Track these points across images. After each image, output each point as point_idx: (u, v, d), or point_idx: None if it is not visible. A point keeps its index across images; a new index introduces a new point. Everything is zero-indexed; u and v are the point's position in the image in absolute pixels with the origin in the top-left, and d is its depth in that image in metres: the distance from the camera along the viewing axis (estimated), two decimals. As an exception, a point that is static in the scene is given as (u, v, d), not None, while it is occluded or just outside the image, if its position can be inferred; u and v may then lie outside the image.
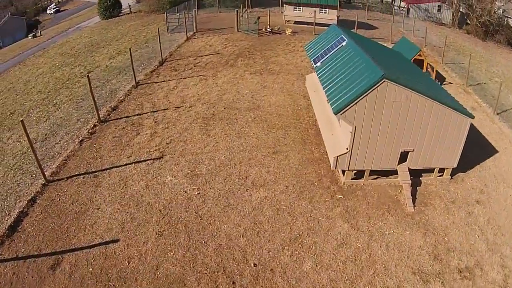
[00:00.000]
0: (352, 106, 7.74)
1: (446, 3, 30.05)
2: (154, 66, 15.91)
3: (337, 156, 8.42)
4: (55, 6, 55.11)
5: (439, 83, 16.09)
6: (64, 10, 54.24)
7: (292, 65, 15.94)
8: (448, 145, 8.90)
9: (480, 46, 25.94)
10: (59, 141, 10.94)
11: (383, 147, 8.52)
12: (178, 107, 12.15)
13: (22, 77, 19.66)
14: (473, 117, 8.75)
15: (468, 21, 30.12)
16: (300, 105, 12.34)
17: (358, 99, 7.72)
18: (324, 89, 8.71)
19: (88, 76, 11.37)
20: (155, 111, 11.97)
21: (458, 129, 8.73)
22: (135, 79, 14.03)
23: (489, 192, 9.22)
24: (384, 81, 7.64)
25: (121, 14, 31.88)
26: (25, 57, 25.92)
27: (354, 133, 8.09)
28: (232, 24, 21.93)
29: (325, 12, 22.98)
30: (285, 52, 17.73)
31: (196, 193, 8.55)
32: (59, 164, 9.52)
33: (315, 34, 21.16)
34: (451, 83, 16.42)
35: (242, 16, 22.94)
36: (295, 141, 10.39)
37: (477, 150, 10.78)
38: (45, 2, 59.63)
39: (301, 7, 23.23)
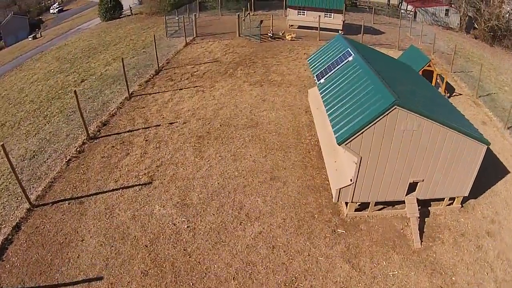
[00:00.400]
0: (358, 136, 6.94)
1: (454, 7, 28.93)
2: (150, 75, 15.16)
3: (340, 188, 7.63)
4: (58, 6, 54.49)
5: (448, 94, 15.22)
6: (67, 10, 53.72)
7: (295, 75, 15.09)
8: (461, 174, 8.07)
9: (488, 52, 24.89)
10: (47, 159, 10.28)
11: (391, 178, 7.70)
12: (171, 123, 11.40)
13: (17, 83, 19.04)
14: (489, 144, 7.91)
15: (476, 26, 29.06)
16: (301, 122, 11.51)
17: (365, 128, 6.90)
18: (327, 112, 7.89)
19: (75, 92, 10.64)
20: (147, 128, 11.23)
21: (472, 156, 7.89)
22: (128, 91, 13.30)
23: (500, 221, 8.46)
24: (395, 108, 6.81)
25: (122, 16, 31.15)
26: (23, 60, 25.33)
27: (360, 164, 7.28)
28: (234, 28, 21.10)
29: (330, 17, 22.05)
30: (288, 60, 16.87)
31: (186, 226, 7.80)
32: (45, 187, 8.90)
33: (319, 40, 20.28)
34: (460, 94, 15.51)
35: (244, 20, 22.12)
36: (295, 165, 9.59)
37: (488, 171, 9.95)
38: (49, 1, 59.13)
39: (306, 11, 22.31)
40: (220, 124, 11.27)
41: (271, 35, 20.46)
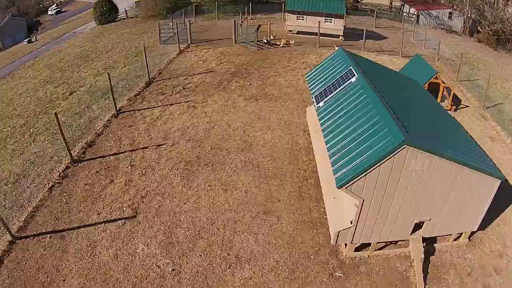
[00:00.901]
0: (360, 178, 6.15)
1: (457, 10, 27.91)
2: (140, 88, 14.35)
3: (339, 231, 6.87)
4: (56, 7, 53.61)
5: (454, 107, 14.39)
6: (66, 11, 52.81)
7: (293, 88, 14.25)
8: (471, 209, 7.28)
9: (492, 57, 23.95)
10: (30, 184, 9.59)
11: (395, 219, 6.91)
12: (159, 146, 10.63)
13: (7, 94, 18.26)
14: (503, 179, 7.14)
15: (479, 29, 28.10)
16: (299, 143, 10.71)
17: (369, 170, 6.08)
18: (326, 145, 7.09)
19: (55, 114, 9.87)
20: (133, 150, 10.46)
21: (484, 191, 7.10)
22: (115, 107, 12.53)
23: (508, 255, 7.75)
24: (405, 147, 6.01)
25: (117, 19, 30.29)
26: (16, 67, 24.53)
27: (361, 207, 6.51)
28: (230, 34, 20.21)
29: (331, 22, 21.13)
30: (286, 70, 16.04)
31: (171, 269, 7.06)
32: (27, 217, 8.32)
33: (319, 47, 19.41)
34: (467, 106, 14.68)
35: (240, 25, 21.23)
36: (290, 196, 8.80)
37: (496, 196, 9.16)
38: (47, 2, 58.19)
39: (305, 16, 21.41)
40: (211, 147, 10.49)
41: (265, 41, 19.58)
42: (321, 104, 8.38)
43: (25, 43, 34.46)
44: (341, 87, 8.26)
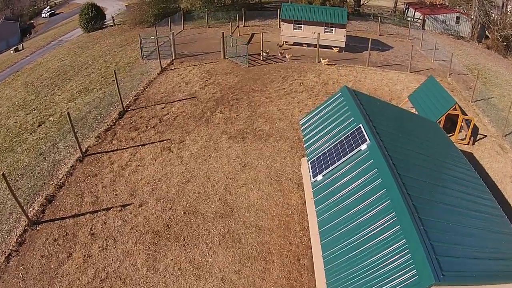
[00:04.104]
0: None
1: (465, 14, 25.17)
2: (112, 120, 12.02)
3: None
4: (49, 10, 50.82)
5: (473, 140, 12.04)
6: (59, 13, 50.05)
7: (287, 121, 11.81)
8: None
9: (503, 66, 21.39)
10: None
11: None
12: (124, 206, 8.38)
13: (-22, 119, 16.09)
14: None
15: (488, 34, 25.47)
16: (291, 205, 8.40)
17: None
18: (323, 255, 4.87)
19: (3, 175, 7.71)
20: (95, 212, 8.25)
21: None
22: (80, 150, 10.31)
23: None
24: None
25: (104, 26, 27.76)
26: (-3, 81, 22.33)
27: None
28: (219, 46, 17.73)
29: (332, 32, 18.57)
30: (279, 95, 13.63)
31: None
32: None
33: (318, 62, 16.95)
34: (485, 136, 12.35)
35: (231, 36, 18.71)
36: (277, 285, 6.58)
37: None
38: (42, 5, 55.38)
39: (302, 26, 18.86)
40: (184, 211, 8.21)
41: (265, 55, 17.12)
42: (318, 178, 6.09)
43: (12, 51, 32.02)
44: (348, 156, 5.96)
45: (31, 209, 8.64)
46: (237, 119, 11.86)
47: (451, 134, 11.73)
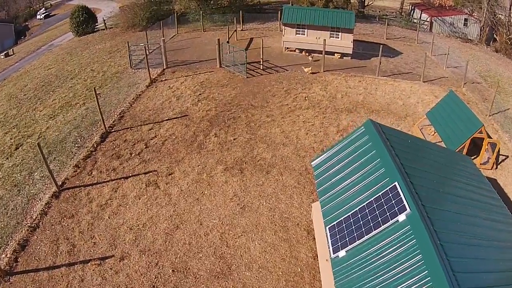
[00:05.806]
0: None
1: (474, 16, 23.32)
2: (93, 145, 10.25)
3: None
4: (45, 11, 48.62)
5: (496, 165, 10.36)
6: (54, 15, 47.90)
7: (292, 146, 10.05)
8: None
9: (512, 71, 19.73)
10: None
11: None
12: (103, 259, 6.71)
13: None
14: None
15: (496, 37, 23.73)
16: (300, 260, 6.69)
17: None
18: None
19: None
20: (71, 265, 6.60)
21: None
22: (56, 184, 8.60)
23: None
24: None
25: (96, 29, 25.82)
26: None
27: None
28: (215, 53, 15.89)
29: (338, 37, 16.71)
30: (282, 113, 11.84)
31: None
32: None
33: (324, 72, 15.17)
34: (507, 157, 10.68)
35: (227, 42, 16.88)
36: None
37: None
38: (37, 6, 53.10)
39: (306, 30, 16.99)
40: (173, 269, 6.53)
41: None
42: (340, 254, 4.42)
43: (3, 56, 30.11)
44: (380, 229, 4.28)
45: (3, 255, 7.10)
46: (234, 144, 10.10)
47: (473, 157, 10.08)
